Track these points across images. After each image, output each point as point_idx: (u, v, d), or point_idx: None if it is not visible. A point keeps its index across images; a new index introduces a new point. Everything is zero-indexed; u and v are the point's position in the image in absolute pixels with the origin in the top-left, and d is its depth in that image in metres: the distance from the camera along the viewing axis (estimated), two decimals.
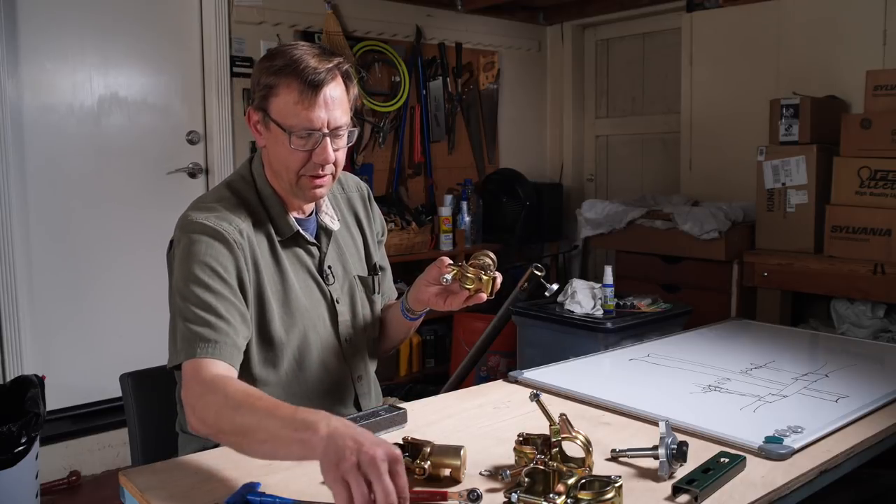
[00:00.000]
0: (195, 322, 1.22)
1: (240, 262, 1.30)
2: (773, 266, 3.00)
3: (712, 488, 1.05)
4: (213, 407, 1.11)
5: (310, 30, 3.48)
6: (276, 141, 1.33)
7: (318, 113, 1.29)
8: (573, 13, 4.34)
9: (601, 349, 2.31)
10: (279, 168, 1.36)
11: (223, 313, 1.24)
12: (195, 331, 1.22)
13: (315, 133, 1.30)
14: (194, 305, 1.24)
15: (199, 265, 1.26)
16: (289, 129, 1.30)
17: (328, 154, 1.32)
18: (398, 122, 3.81)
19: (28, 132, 2.84)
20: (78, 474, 2.88)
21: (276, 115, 1.31)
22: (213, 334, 1.22)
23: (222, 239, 1.29)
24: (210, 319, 1.23)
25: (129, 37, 3.06)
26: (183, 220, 1.33)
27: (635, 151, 4.38)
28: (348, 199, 1.57)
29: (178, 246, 1.31)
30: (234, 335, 1.24)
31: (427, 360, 3.82)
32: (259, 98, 1.33)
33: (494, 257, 1.39)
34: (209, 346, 1.20)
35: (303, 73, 1.28)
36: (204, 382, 1.16)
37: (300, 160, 1.32)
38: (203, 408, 1.13)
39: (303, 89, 1.28)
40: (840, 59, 3.21)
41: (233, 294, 1.28)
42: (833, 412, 1.36)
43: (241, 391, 1.11)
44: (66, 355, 2.94)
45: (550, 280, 1.59)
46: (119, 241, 3.05)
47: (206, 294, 1.25)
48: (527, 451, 1.12)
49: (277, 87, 1.30)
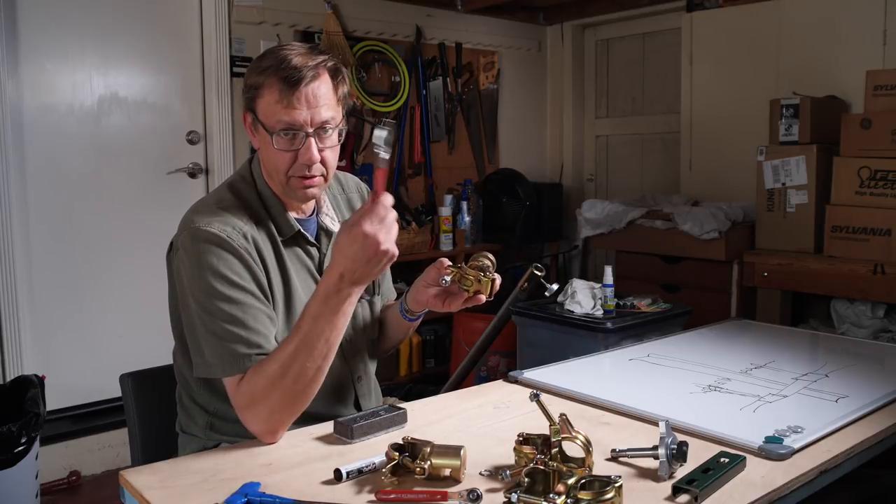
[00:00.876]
0: (227, 339, 1.24)
1: (251, 265, 1.30)
2: (773, 266, 3.00)
3: (712, 488, 1.05)
4: (261, 388, 1.21)
5: (310, 30, 3.48)
6: (264, 142, 1.33)
7: (299, 111, 1.28)
8: (573, 13, 4.34)
9: (601, 349, 2.31)
10: (270, 169, 1.36)
11: (251, 324, 1.26)
12: (229, 348, 1.24)
13: (298, 132, 1.30)
14: (222, 321, 1.25)
15: (216, 277, 1.26)
16: (271, 128, 1.30)
17: (312, 154, 1.30)
18: (398, 122, 3.82)
19: (28, 132, 2.84)
20: (78, 474, 2.88)
21: (261, 116, 1.31)
22: (247, 349, 1.25)
23: (229, 247, 1.28)
24: (240, 334, 1.25)
25: (129, 37, 3.06)
26: (186, 224, 1.32)
27: (635, 151, 4.38)
28: (348, 200, 1.57)
29: (183, 251, 1.30)
30: (267, 343, 1.27)
31: (427, 360, 3.82)
32: (247, 99, 1.34)
33: (494, 259, 1.39)
34: (247, 361, 1.24)
35: (283, 71, 1.28)
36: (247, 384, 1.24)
37: (287, 161, 1.32)
38: (258, 399, 1.21)
39: (282, 88, 1.28)
40: (840, 59, 3.21)
41: (255, 299, 1.28)
42: (833, 412, 1.36)
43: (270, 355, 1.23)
44: (66, 355, 2.94)
45: (550, 280, 1.59)
46: (119, 241, 3.05)
47: (231, 307, 1.25)
48: (527, 451, 1.12)
49: (262, 88, 1.30)
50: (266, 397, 1.21)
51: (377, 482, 1.08)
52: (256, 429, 1.23)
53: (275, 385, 1.20)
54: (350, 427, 1.24)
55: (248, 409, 1.23)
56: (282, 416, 1.23)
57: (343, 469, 1.09)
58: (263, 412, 1.22)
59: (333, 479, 1.09)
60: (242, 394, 1.23)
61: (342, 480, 1.09)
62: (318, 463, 1.16)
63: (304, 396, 1.23)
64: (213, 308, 1.25)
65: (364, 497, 1.05)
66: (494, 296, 1.39)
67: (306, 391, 1.23)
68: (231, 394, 1.26)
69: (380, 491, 1.05)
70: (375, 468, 1.12)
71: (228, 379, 1.25)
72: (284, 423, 1.24)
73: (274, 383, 1.20)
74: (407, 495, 1.04)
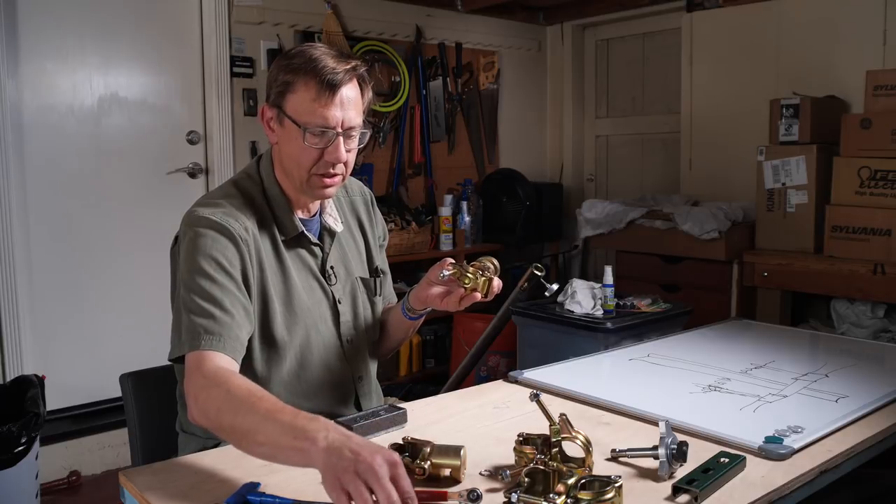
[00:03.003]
0: (199, 314, 1.23)
1: (245, 257, 1.31)
2: (773, 266, 3.00)
3: (712, 488, 1.05)
4: (214, 402, 1.12)
5: (310, 30, 3.48)
6: (289, 137, 1.34)
7: (334, 112, 1.31)
8: (573, 13, 4.33)
9: (601, 349, 2.31)
10: (290, 165, 1.36)
11: (227, 306, 1.25)
12: (199, 322, 1.23)
13: (329, 131, 1.32)
14: (199, 297, 1.25)
15: (205, 258, 1.27)
16: (304, 125, 1.32)
17: (340, 153, 1.33)
18: (398, 122, 3.81)
19: (28, 132, 2.84)
20: (78, 474, 2.88)
21: (292, 112, 1.33)
22: (217, 327, 1.23)
23: (228, 234, 1.30)
24: (214, 312, 1.24)
25: (129, 37, 3.06)
26: (189, 216, 1.34)
27: (635, 151, 4.38)
28: (352, 203, 1.58)
29: (183, 239, 1.32)
30: (238, 329, 1.25)
31: (427, 360, 3.82)
32: (275, 94, 1.35)
33: (497, 264, 1.40)
34: (213, 339, 1.21)
35: (321, 71, 1.30)
36: (207, 375, 1.17)
37: (312, 158, 1.33)
38: (205, 400, 1.14)
39: (320, 88, 1.30)
40: (840, 59, 3.21)
41: (237, 288, 1.29)
42: (833, 412, 1.36)
43: (243, 388, 1.12)
44: (66, 355, 2.94)
45: (550, 280, 1.59)
46: (119, 241, 3.05)
47: (212, 286, 1.26)
48: (527, 451, 1.12)
49: (295, 84, 1.32)
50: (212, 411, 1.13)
51: None
52: (193, 415, 1.16)
53: (221, 415, 1.11)
54: (350, 427, 1.24)
55: (194, 401, 1.16)
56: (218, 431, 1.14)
57: None
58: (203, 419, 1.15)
59: None
60: (196, 385, 1.16)
61: None
62: None
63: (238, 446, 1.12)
64: (193, 285, 1.26)
65: None
66: (492, 298, 1.39)
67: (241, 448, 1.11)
68: (188, 370, 1.19)
69: None
70: None
71: (191, 355, 1.20)
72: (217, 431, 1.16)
73: (221, 415, 1.11)
74: None
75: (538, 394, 1.12)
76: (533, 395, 1.12)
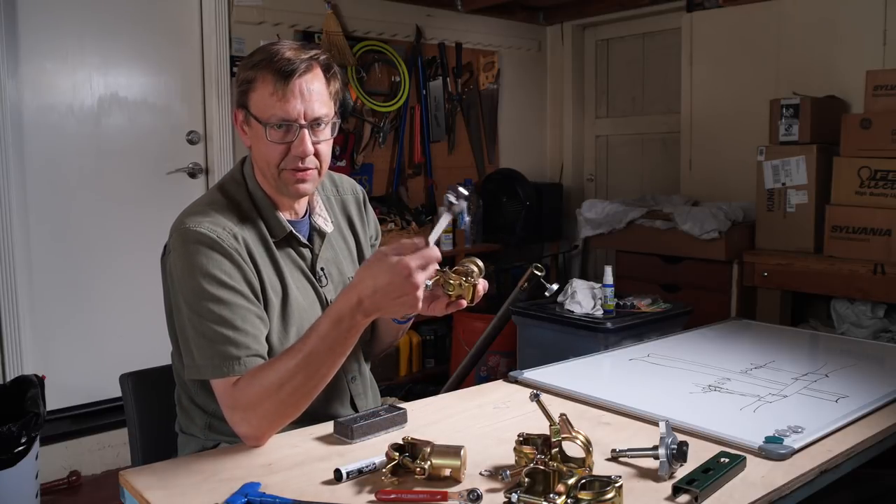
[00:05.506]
0: (216, 340, 1.24)
1: (241, 266, 1.30)
2: (773, 266, 3.00)
3: (712, 488, 1.05)
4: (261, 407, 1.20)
5: (310, 30, 3.48)
6: (256, 136, 1.34)
7: (294, 104, 1.29)
8: (573, 13, 4.33)
9: (601, 349, 2.31)
10: (262, 165, 1.36)
11: (239, 324, 1.25)
12: (218, 350, 1.23)
13: (292, 125, 1.30)
14: (211, 322, 1.24)
15: (206, 278, 1.26)
16: (265, 121, 1.30)
17: (306, 146, 1.31)
18: (398, 122, 3.81)
19: (28, 132, 2.84)
20: (78, 474, 2.88)
21: (254, 109, 1.32)
22: (234, 350, 1.24)
23: (219, 248, 1.28)
24: (229, 335, 1.24)
25: (129, 37, 3.06)
26: (177, 227, 1.32)
27: (635, 151, 4.38)
28: (342, 202, 1.56)
29: (174, 254, 1.30)
30: (255, 343, 1.26)
31: (427, 360, 3.81)
32: (239, 94, 1.34)
33: (482, 265, 1.34)
34: (234, 364, 1.23)
35: (276, 64, 1.28)
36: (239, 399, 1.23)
37: (279, 153, 1.32)
38: (253, 415, 1.21)
39: (276, 80, 1.29)
40: (840, 59, 3.21)
41: (244, 300, 1.28)
42: (833, 412, 1.36)
43: (267, 368, 1.21)
44: (66, 355, 2.94)
45: (550, 280, 1.59)
46: (119, 241, 3.05)
47: (219, 307, 1.25)
48: (527, 451, 1.12)
49: (255, 81, 1.31)
50: (259, 405, 1.20)
51: (377, 482, 1.08)
52: (244, 432, 1.22)
53: (270, 395, 1.20)
54: (350, 427, 1.24)
55: (238, 412, 1.22)
56: (272, 424, 1.23)
57: (343, 469, 1.09)
58: (254, 419, 1.21)
59: (333, 480, 1.09)
60: (235, 397, 1.22)
61: (342, 480, 1.09)
62: (318, 463, 1.16)
63: (296, 409, 1.23)
64: (201, 309, 1.25)
65: (364, 497, 1.05)
66: (476, 301, 1.33)
67: (299, 404, 1.23)
68: (220, 394, 1.25)
69: (380, 491, 1.05)
70: (375, 468, 1.12)
71: (217, 380, 1.25)
72: (273, 429, 1.24)
73: (269, 393, 1.20)
74: (407, 495, 1.04)
75: (538, 394, 1.12)
76: (533, 395, 1.12)
